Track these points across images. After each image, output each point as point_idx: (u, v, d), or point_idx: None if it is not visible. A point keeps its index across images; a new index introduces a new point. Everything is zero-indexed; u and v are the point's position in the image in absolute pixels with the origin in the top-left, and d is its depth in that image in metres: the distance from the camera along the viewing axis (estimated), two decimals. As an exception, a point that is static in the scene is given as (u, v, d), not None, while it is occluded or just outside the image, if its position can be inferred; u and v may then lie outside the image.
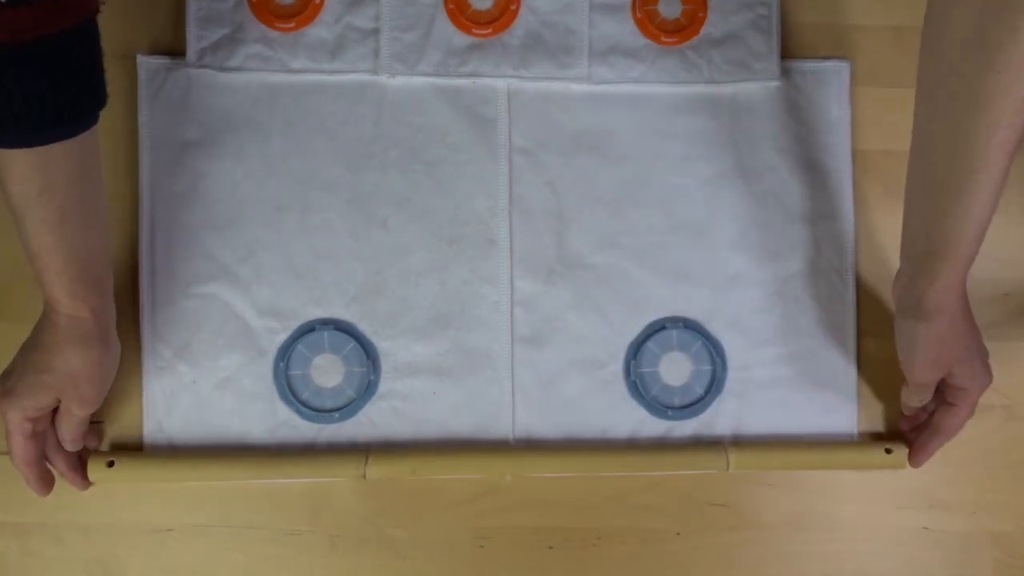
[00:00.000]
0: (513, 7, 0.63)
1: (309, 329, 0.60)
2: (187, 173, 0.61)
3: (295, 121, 0.62)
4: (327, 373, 0.61)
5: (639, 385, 0.62)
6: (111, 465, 0.57)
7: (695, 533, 0.61)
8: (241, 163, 0.61)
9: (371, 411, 0.61)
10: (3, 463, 0.55)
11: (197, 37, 0.61)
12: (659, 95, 0.64)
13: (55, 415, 0.54)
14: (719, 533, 0.61)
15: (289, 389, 0.60)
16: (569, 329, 0.62)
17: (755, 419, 0.62)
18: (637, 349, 0.62)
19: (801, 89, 0.64)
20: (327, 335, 0.61)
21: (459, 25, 0.62)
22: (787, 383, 0.63)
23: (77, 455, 0.57)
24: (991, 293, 0.64)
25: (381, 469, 0.58)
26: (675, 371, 0.62)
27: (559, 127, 0.63)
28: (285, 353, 0.60)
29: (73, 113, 0.46)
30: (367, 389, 0.60)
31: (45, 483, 0.56)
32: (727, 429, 0.62)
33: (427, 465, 0.59)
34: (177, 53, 0.61)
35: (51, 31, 0.42)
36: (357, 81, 0.62)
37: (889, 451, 0.60)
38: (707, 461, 0.60)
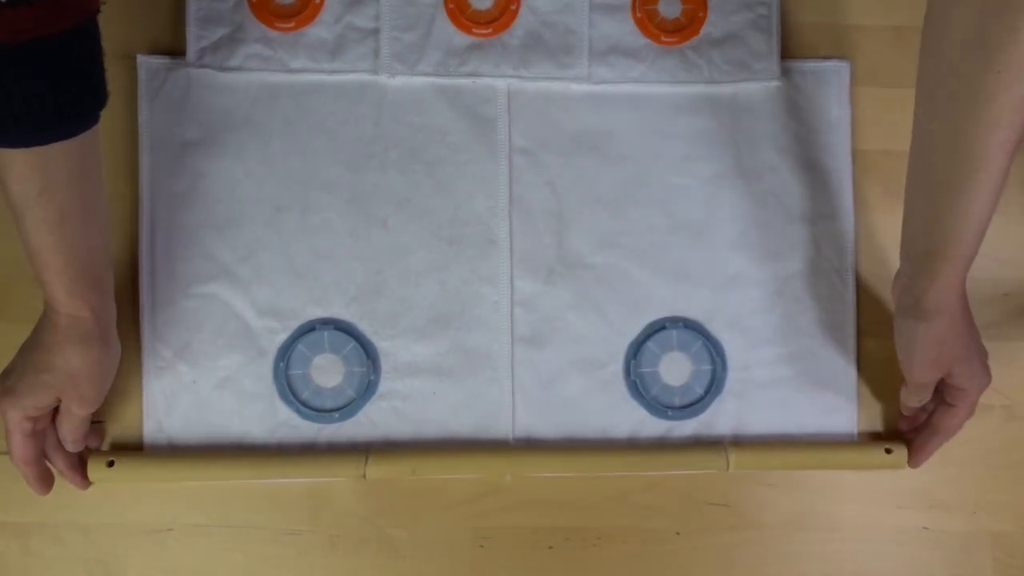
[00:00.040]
0: (513, 7, 0.62)
1: (309, 329, 0.60)
2: (187, 173, 0.61)
3: (295, 121, 0.62)
4: (327, 373, 0.61)
5: (639, 385, 0.62)
6: (111, 465, 0.57)
7: (695, 533, 0.61)
8: (241, 163, 0.61)
9: (371, 411, 0.61)
10: (3, 463, 0.55)
11: (197, 37, 0.61)
12: (659, 95, 0.64)
13: (56, 415, 0.54)
14: (719, 533, 0.61)
15: (289, 389, 0.60)
16: (569, 329, 0.62)
17: (755, 419, 0.62)
18: (637, 349, 0.62)
19: (801, 89, 0.64)
20: (327, 335, 0.61)
21: (459, 25, 0.62)
22: (787, 383, 0.63)
23: (77, 455, 0.57)
24: (991, 293, 0.64)
25: (381, 469, 0.58)
26: (675, 371, 0.62)
27: (559, 127, 0.63)
28: (285, 353, 0.60)
29: (73, 113, 0.46)
30: (367, 389, 0.60)
31: (45, 482, 0.55)
32: (727, 429, 0.62)
33: (427, 465, 0.59)
34: (177, 53, 0.61)
35: (51, 31, 0.42)
36: (357, 81, 0.62)
37: (889, 451, 0.60)
38: (707, 461, 0.60)
